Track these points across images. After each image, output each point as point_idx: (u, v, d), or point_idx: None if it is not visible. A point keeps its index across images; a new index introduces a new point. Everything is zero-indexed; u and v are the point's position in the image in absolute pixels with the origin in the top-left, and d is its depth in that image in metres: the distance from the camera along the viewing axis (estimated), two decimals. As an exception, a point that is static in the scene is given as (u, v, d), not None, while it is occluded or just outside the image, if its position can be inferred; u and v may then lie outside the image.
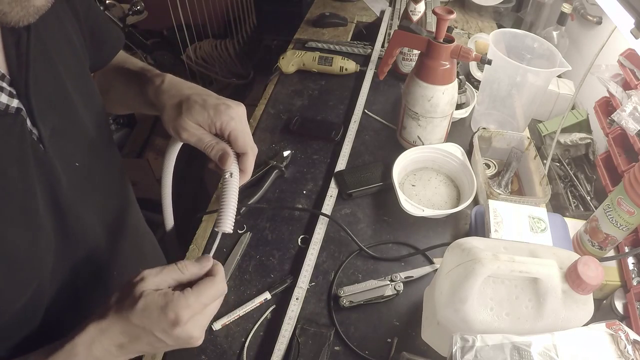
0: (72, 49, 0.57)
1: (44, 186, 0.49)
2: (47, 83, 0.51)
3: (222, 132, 0.56)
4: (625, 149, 0.87)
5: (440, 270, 0.64)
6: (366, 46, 1.36)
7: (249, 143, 0.58)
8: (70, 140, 0.54)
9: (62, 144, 0.52)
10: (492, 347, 0.49)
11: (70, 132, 0.55)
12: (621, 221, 0.71)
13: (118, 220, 0.67)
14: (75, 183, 0.54)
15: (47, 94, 0.50)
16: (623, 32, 0.77)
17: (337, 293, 0.75)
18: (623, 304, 0.74)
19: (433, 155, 0.96)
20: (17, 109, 0.46)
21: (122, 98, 0.70)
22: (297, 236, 0.86)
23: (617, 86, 0.90)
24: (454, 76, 0.91)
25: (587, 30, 1.18)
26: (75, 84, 0.56)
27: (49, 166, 0.50)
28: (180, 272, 0.48)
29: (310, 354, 0.68)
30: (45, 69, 0.51)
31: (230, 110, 0.56)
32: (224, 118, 0.55)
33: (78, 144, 0.56)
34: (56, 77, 0.53)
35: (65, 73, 0.54)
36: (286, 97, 1.19)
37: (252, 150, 0.58)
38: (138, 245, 0.74)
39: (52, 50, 0.52)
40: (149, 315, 0.44)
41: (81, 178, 0.56)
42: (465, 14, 1.57)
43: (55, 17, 0.54)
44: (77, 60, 0.58)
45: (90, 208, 0.58)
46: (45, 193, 0.49)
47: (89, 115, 0.58)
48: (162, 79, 0.61)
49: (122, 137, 2.03)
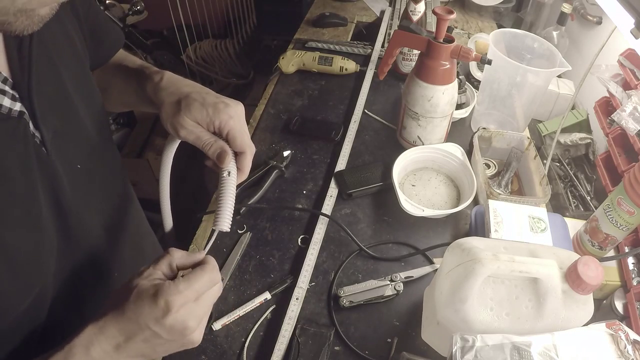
0: (72, 50, 0.57)
1: (47, 189, 0.49)
2: (49, 85, 0.51)
3: (220, 130, 0.56)
4: (625, 149, 0.87)
5: (440, 270, 0.64)
6: (366, 46, 1.36)
7: (247, 142, 0.58)
8: (72, 142, 0.54)
9: (63, 147, 0.52)
10: (492, 347, 0.49)
11: (72, 134, 0.55)
12: (621, 221, 0.71)
13: (119, 221, 0.67)
14: (77, 185, 0.54)
15: (48, 97, 0.50)
16: (623, 32, 0.77)
17: (337, 293, 0.75)
18: (623, 304, 0.74)
19: (433, 155, 0.96)
20: (20, 112, 0.46)
21: (121, 95, 0.70)
22: (297, 236, 0.86)
23: (617, 86, 0.90)
24: (454, 76, 0.91)
25: (587, 30, 1.18)
26: (76, 85, 0.56)
27: (52, 169, 0.50)
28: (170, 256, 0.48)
29: (310, 354, 0.68)
30: (47, 72, 0.51)
31: (229, 108, 0.56)
32: (223, 117, 0.55)
33: (79, 146, 0.56)
34: (57, 79, 0.53)
35: (66, 74, 0.54)
36: (286, 97, 1.19)
37: (249, 150, 0.58)
38: (139, 245, 0.75)
39: (54, 51, 0.52)
40: (141, 305, 0.43)
41: (83, 180, 0.56)
42: (465, 14, 1.57)
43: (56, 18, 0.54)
44: (78, 61, 0.58)
45: (92, 210, 0.58)
46: (48, 196, 0.49)
47: (89, 116, 0.58)
48: (161, 75, 0.61)
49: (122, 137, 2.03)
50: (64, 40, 0.55)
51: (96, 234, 0.60)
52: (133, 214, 0.73)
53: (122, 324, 0.44)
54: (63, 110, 0.53)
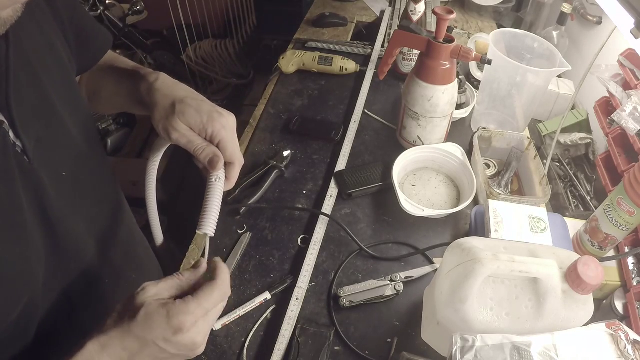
0: (55, 57, 0.56)
1: (31, 198, 0.48)
2: (30, 93, 0.50)
3: (212, 139, 0.56)
4: (625, 149, 0.87)
5: (440, 270, 0.64)
6: (366, 46, 1.36)
7: (237, 154, 0.58)
8: (56, 149, 0.54)
9: (47, 154, 0.51)
10: (492, 347, 0.49)
11: (56, 141, 0.54)
12: (621, 221, 0.71)
13: (109, 228, 0.67)
14: (63, 193, 0.53)
15: (30, 105, 0.49)
16: (623, 32, 0.77)
17: (337, 293, 0.75)
18: (623, 304, 0.74)
19: (433, 155, 0.96)
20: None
21: (113, 97, 0.70)
22: (297, 236, 0.86)
23: (617, 86, 0.90)
24: (454, 76, 0.91)
25: (587, 30, 1.18)
26: (59, 93, 0.55)
27: (35, 178, 0.49)
28: (178, 279, 0.48)
29: (310, 354, 0.68)
30: (27, 80, 0.50)
31: (222, 118, 0.56)
32: (216, 126, 0.56)
33: (64, 153, 0.55)
34: (39, 87, 0.52)
35: (48, 82, 0.53)
36: (286, 97, 1.19)
37: (238, 161, 0.59)
38: (131, 252, 0.74)
39: (34, 59, 0.51)
40: (151, 325, 0.44)
41: (69, 187, 0.55)
42: (465, 14, 1.57)
43: (36, 25, 0.53)
44: (61, 68, 0.57)
45: (80, 217, 0.58)
46: (33, 205, 0.49)
47: (75, 123, 0.57)
48: (156, 76, 0.61)
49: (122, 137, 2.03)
50: (45, 48, 0.54)
51: (85, 241, 0.59)
52: (124, 220, 0.72)
53: (127, 343, 0.44)
54: (46, 118, 0.52)
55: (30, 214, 0.48)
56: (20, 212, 0.47)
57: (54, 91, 0.54)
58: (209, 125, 0.56)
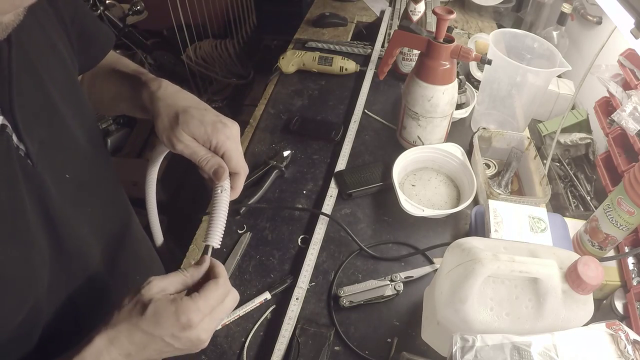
0: (57, 58, 0.56)
1: (35, 202, 0.48)
2: (33, 96, 0.50)
3: (216, 150, 0.57)
4: (625, 149, 0.87)
5: (440, 270, 0.64)
6: (366, 46, 1.36)
7: (242, 163, 0.58)
8: (60, 152, 0.53)
9: (51, 157, 0.51)
10: (492, 347, 0.49)
11: (59, 144, 0.54)
12: (621, 221, 0.71)
13: (113, 229, 0.67)
14: (67, 195, 0.53)
15: (33, 108, 0.49)
16: (623, 32, 0.77)
17: (337, 293, 0.75)
18: (623, 304, 0.74)
19: (433, 155, 0.96)
20: (2, 125, 0.44)
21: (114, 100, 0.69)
22: (297, 236, 0.86)
23: (617, 86, 0.90)
24: (454, 76, 0.91)
25: (587, 30, 1.18)
26: (62, 94, 0.54)
27: (39, 181, 0.49)
28: (184, 276, 0.49)
29: (310, 354, 0.68)
30: (30, 82, 0.50)
31: (226, 129, 0.57)
32: (221, 137, 0.56)
33: (68, 156, 0.55)
34: (42, 89, 0.52)
35: (51, 84, 0.53)
36: (286, 97, 1.19)
37: (243, 171, 0.59)
38: (134, 252, 0.74)
39: (37, 61, 0.51)
40: (159, 321, 0.45)
41: (73, 190, 0.55)
42: (465, 14, 1.57)
43: (38, 26, 0.52)
44: (64, 69, 0.57)
45: (84, 219, 0.57)
46: (37, 208, 0.49)
47: (78, 124, 0.57)
48: (158, 84, 0.61)
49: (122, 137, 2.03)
50: (47, 49, 0.54)
51: (89, 243, 0.59)
52: (128, 222, 0.72)
53: (135, 337, 0.45)
54: (49, 121, 0.52)
55: (34, 217, 0.48)
56: (24, 216, 0.47)
57: (57, 93, 0.53)
58: (213, 136, 0.56)
